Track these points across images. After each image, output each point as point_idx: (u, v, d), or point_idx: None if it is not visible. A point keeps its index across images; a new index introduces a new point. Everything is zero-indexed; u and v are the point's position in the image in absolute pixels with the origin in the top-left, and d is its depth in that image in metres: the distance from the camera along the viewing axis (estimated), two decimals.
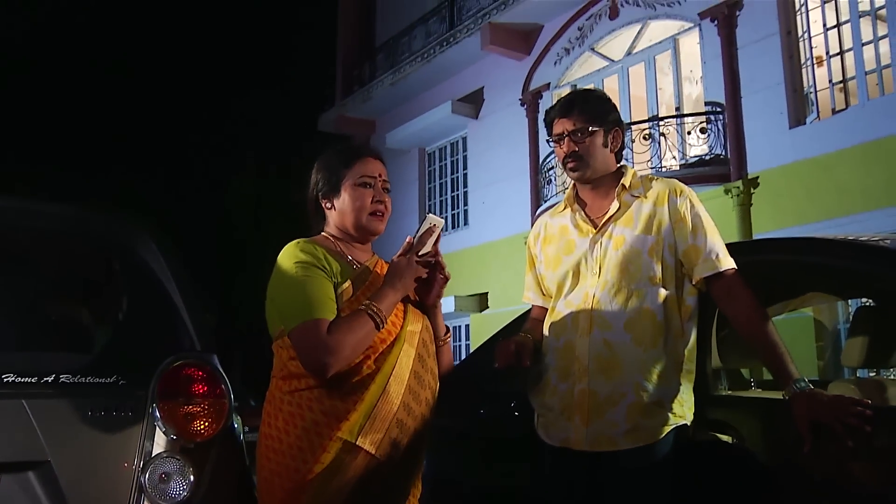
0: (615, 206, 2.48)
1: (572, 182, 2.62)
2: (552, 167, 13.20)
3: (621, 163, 2.61)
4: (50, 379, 2.21)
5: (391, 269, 2.21)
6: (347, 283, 2.16)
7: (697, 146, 11.80)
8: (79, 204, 2.72)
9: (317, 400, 2.06)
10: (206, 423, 2.34)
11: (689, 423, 2.40)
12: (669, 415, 2.35)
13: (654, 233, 2.42)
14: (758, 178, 10.96)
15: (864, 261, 2.50)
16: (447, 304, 15.57)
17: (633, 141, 11.92)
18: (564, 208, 2.63)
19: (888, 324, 2.87)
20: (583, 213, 2.56)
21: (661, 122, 11.89)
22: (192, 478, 2.27)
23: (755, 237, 10.71)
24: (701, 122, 11.62)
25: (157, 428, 2.28)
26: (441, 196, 17.46)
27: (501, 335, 3.96)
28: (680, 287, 2.45)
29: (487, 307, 15.46)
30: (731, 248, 2.49)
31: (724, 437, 2.42)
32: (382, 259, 2.38)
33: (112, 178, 21.51)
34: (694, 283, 2.43)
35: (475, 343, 15.75)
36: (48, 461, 2.11)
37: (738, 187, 11.00)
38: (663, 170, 11.67)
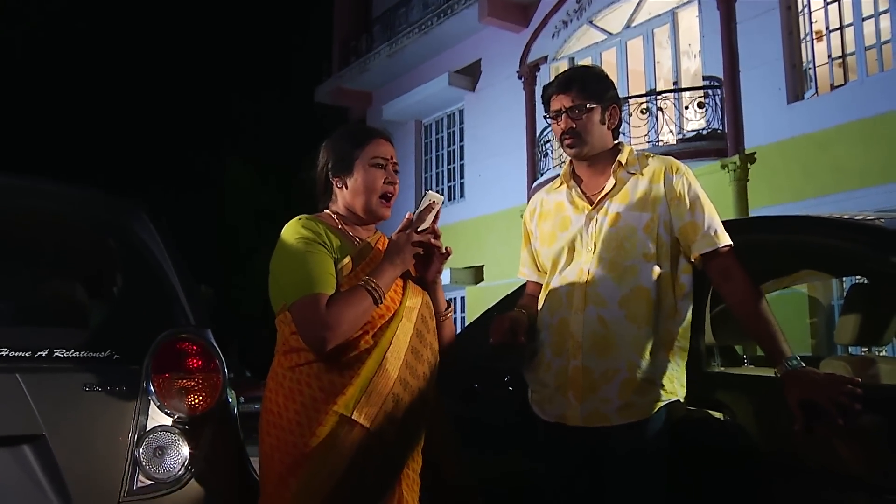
0: (611, 182, 2.49)
1: (569, 158, 2.62)
2: (549, 141, 13.16)
3: (618, 140, 2.61)
4: (45, 353, 2.21)
5: (390, 246, 2.23)
6: (347, 259, 2.18)
7: (695, 121, 11.77)
8: (74, 182, 2.72)
9: (315, 376, 2.09)
10: (201, 398, 2.35)
11: (681, 400, 2.42)
12: (661, 391, 2.37)
13: (649, 210, 2.43)
14: (755, 153, 10.95)
15: (855, 240, 2.51)
16: (443, 276, 15.55)
17: (630, 115, 11.87)
18: (560, 185, 2.63)
19: (880, 302, 2.89)
20: (579, 189, 2.56)
21: (659, 97, 11.84)
22: (186, 451, 2.28)
23: (751, 213, 10.74)
24: (699, 97, 11.57)
25: (152, 402, 2.28)
26: (437, 168, 17.43)
27: (496, 310, 3.98)
28: (675, 265, 2.46)
29: (483, 280, 15.50)
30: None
31: (716, 414, 2.44)
32: (385, 236, 2.39)
33: (107, 161, 21.50)
34: (692, 259, 2.44)
35: (471, 316, 15.79)
36: (43, 435, 2.11)
37: (735, 163, 10.99)
38: (660, 144, 11.64)
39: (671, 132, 11.76)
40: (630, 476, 2.37)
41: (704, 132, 11.47)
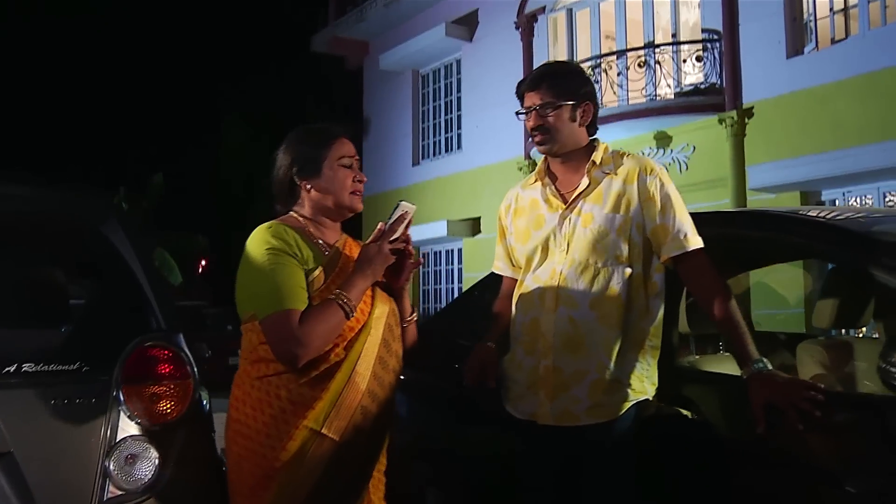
0: (585, 182, 2.48)
1: (544, 155, 2.60)
2: None
3: (594, 136, 2.59)
4: (12, 369, 2.21)
5: (361, 256, 2.21)
6: (318, 271, 2.16)
7: (693, 74, 11.63)
8: (36, 182, 2.68)
9: (284, 387, 2.08)
10: (172, 404, 2.36)
11: (650, 398, 2.44)
12: (630, 391, 2.40)
13: (622, 211, 2.42)
14: (753, 108, 10.84)
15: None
16: (440, 228, 15.63)
17: (627, 69, 11.75)
18: (535, 181, 2.62)
19: (857, 287, 2.90)
20: (553, 187, 2.55)
21: (657, 50, 11.67)
22: (157, 460, 2.29)
23: (748, 168, 10.68)
24: (697, 50, 11.41)
25: (122, 412, 2.28)
26: (434, 119, 17.28)
27: (476, 290, 3.99)
28: (647, 265, 2.46)
29: (480, 232, 15.49)
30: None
31: (685, 412, 2.47)
32: (351, 238, 2.38)
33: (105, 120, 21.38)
34: (661, 261, 2.45)
35: (467, 267, 15.86)
36: (10, 452, 2.12)
37: (733, 117, 10.89)
38: (657, 98, 11.53)
39: (668, 86, 11.64)
40: (600, 475, 2.41)
41: (702, 86, 11.34)
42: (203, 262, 21.34)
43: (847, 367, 3.03)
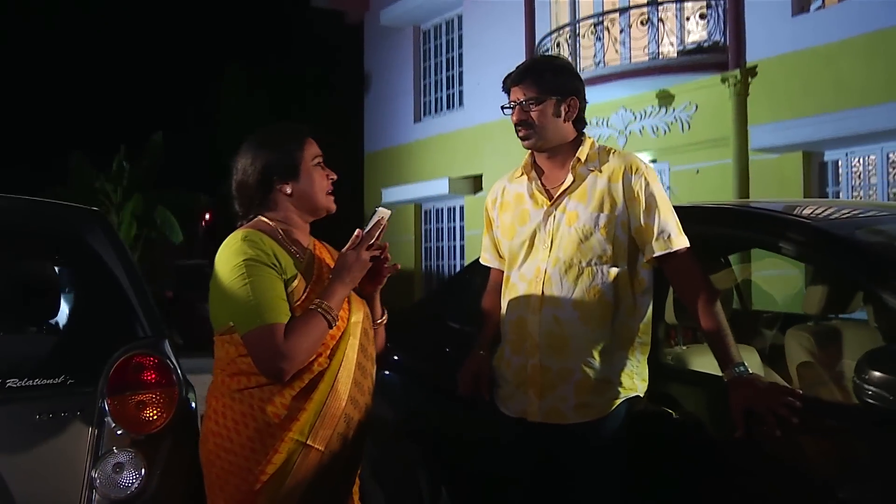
0: (569, 179, 2.47)
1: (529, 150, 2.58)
2: (547, 49, 12.87)
3: (582, 130, 2.56)
4: None
5: (340, 264, 2.18)
6: (297, 280, 2.13)
7: (696, 32, 11.45)
8: (15, 196, 2.66)
9: (268, 401, 2.05)
10: (157, 413, 2.36)
11: (640, 395, 2.45)
12: (619, 389, 2.41)
13: (606, 210, 2.41)
14: (756, 67, 10.69)
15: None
16: (441, 185, 15.60)
17: (630, 26, 11.58)
18: (521, 174, 2.60)
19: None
20: (539, 182, 2.54)
21: (660, 7, 11.49)
22: (144, 468, 2.30)
23: (751, 128, 10.59)
24: (701, 7, 11.23)
25: (107, 424, 2.29)
26: (436, 76, 17.12)
27: (466, 274, 3.99)
28: (633, 263, 2.46)
29: (481, 189, 15.44)
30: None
31: (669, 410, 2.48)
32: (318, 241, 2.35)
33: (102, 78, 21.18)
34: (646, 260, 2.44)
35: (469, 225, 15.85)
36: None
37: (736, 76, 10.74)
38: (660, 57, 11.38)
39: (671, 44, 11.46)
40: (589, 473, 2.43)
41: (705, 44, 11.17)
42: (207, 216, 21.33)
43: (836, 352, 3.07)
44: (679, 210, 2.50)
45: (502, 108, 2.58)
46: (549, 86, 2.46)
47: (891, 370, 1.94)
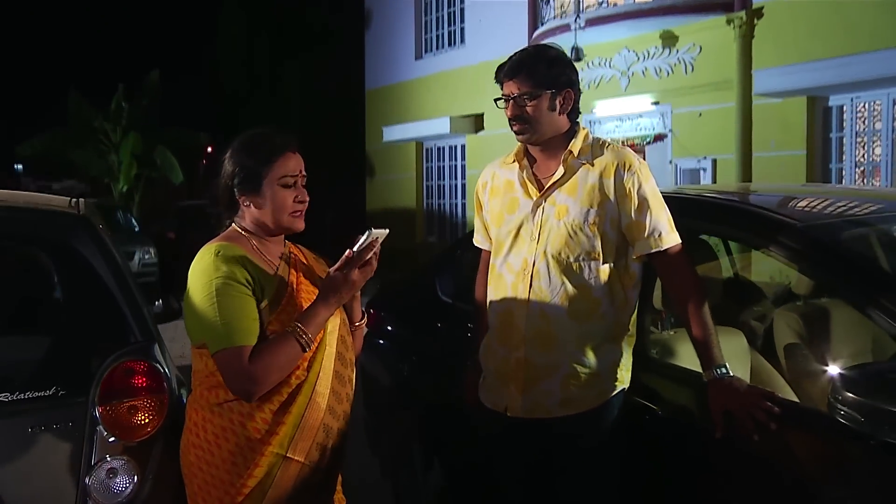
0: (560, 171, 2.44)
1: None
2: None
3: (577, 119, 2.52)
4: None
5: (327, 284, 2.13)
6: (270, 297, 2.10)
7: None
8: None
9: (247, 415, 2.06)
10: (148, 418, 2.37)
11: (626, 386, 2.46)
12: (607, 382, 2.42)
13: (596, 206, 2.39)
14: (762, 8, 10.47)
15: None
16: (443, 125, 15.47)
17: None
18: (513, 161, 2.58)
19: None
20: (530, 170, 2.52)
21: None
22: (137, 474, 2.32)
23: (755, 72, 10.43)
24: None
25: (99, 432, 2.30)
26: (437, 13, 16.83)
27: (458, 248, 3.99)
28: (623, 257, 2.44)
29: (483, 129, 15.34)
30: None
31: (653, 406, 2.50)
32: (295, 246, 2.32)
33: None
34: (635, 257, 2.43)
35: (470, 164, 15.79)
36: None
37: (741, 18, 10.53)
38: None
39: None
40: (575, 468, 2.45)
41: None
42: (209, 149, 21.16)
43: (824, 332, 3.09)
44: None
45: (495, 100, 2.53)
46: (543, 79, 2.41)
47: (863, 393, 1.94)
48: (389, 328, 4.21)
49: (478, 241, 2.74)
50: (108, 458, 2.30)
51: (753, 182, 10.01)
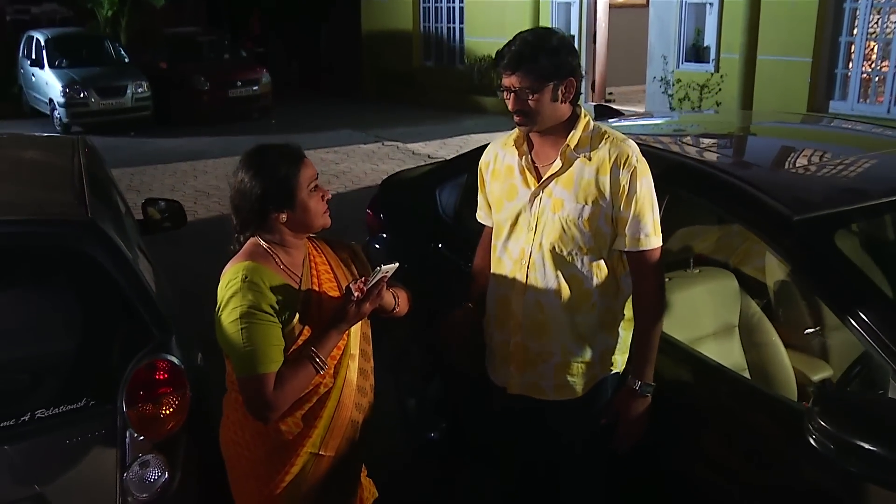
0: (558, 164, 2.46)
1: None
2: None
3: (577, 105, 2.50)
4: (27, 418, 2.37)
5: (338, 316, 2.23)
6: (295, 320, 2.22)
7: None
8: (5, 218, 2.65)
9: (280, 420, 2.24)
10: (172, 413, 2.53)
11: (620, 371, 2.60)
12: (599, 369, 2.57)
13: (591, 203, 2.43)
14: None
15: None
16: None
17: None
18: (513, 146, 2.60)
19: None
20: (529, 158, 2.54)
21: None
22: (168, 469, 2.52)
23: None
24: None
25: (130, 434, 2.46)
26: None
27: (462, 160, 3.96)
28: (616, 249, 2.50)
29: None
30: None
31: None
32: (312, 245, 2.40)
33: None
34: (616, 249, 2.49)
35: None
36: (40, 493, 2.35)
37: None
38: None
39: None
40: (570, 453, 2.66)
41: None
42: None
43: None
44: None
45: (496, 90, 2.52)
46: (544, 72, 2.38)
47: (836, 425, 2.03)
48: (385, 235, 4.31)
49: (480, 217, 2.81)
50: (142, 457, 2.47)
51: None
